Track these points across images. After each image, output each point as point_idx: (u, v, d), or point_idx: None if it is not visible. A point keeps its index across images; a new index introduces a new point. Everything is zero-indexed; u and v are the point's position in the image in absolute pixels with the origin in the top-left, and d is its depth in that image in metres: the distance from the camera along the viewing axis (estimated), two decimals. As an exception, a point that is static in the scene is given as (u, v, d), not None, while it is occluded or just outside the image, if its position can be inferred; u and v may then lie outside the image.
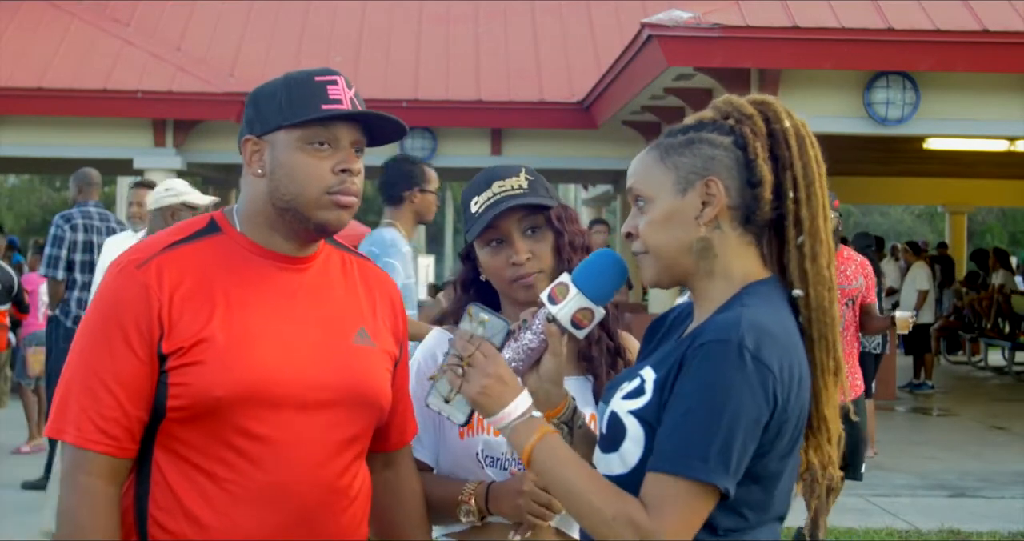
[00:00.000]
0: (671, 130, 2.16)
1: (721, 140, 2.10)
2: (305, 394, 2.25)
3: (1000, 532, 7.69)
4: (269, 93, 2.30)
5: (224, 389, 2.18)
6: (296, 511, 2.24)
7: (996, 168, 16.84)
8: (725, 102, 2.17)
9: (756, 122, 2.12)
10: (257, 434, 2.21)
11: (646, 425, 2.00)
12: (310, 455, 2.25)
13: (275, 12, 16.27)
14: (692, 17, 9.90)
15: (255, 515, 2.21)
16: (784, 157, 2.10)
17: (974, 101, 10.48)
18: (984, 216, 39.79)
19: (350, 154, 2.29)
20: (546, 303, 2.13)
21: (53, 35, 14.66)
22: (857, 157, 15.48)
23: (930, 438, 11.36)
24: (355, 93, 2.31)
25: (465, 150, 14.90)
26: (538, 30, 16.06)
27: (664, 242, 2.09)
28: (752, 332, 1.95)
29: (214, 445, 2.20)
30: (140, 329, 2.19)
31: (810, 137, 2.13)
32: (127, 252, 2.29)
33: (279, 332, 2.25)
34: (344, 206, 2.28)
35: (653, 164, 2.12)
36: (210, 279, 2.25)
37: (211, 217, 2.36)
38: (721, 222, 2.08)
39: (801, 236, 2.10)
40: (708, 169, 2.08)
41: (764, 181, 2.08)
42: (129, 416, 2.19)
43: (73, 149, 14.28)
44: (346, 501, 2.32)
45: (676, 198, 2.08)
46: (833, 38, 9.97)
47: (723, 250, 2.09)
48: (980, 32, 10.00)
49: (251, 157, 2.30)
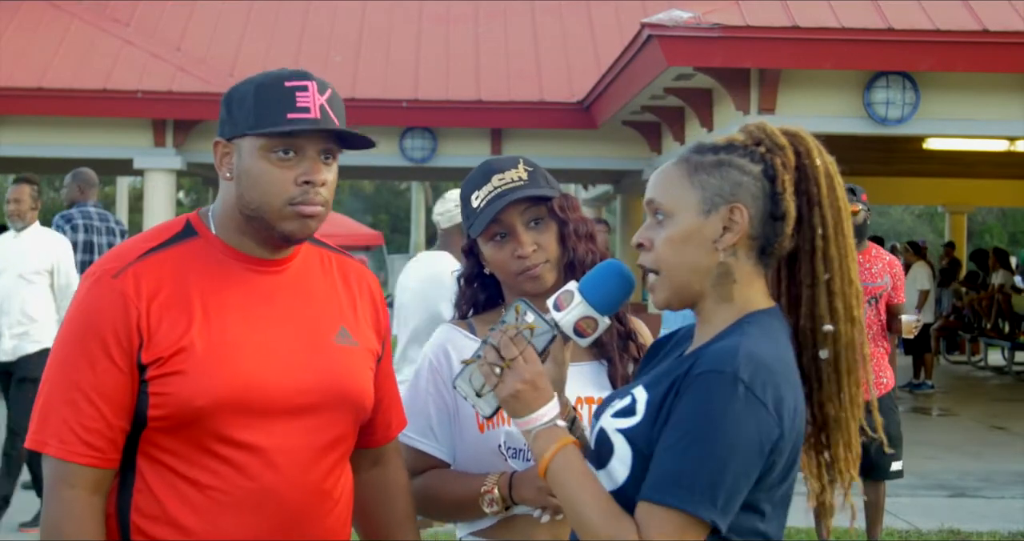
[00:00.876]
0: (700, 147, 2.13)
1: (751, 168, 2.07)
2: (287, 399, 2.23)
3: (1000, 532, 7.69)
4: (241, 95, 2.25)
5: (205, 398, 2.16)
6: (281, 516, 2.22)
7: (996, 168, 16.84)
8: (759, 128, 2.14)
9: (788, 154, 2.09)
10: (240, 441, 2.19)
11: (634, 446, 1.99)
12: (295, 460, 2.23)
13: (275, 12, 16.28)
14: (692, 17, 9.90)
15: (240, 522, 2.19)
16: (813, 194, 2.08)
17: (974, 101, 10.48)
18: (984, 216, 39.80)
19: (315, 164, 2.23)
20: (551, 309, 2.12)
21: (53, 35, 14.67)
22: (857, 157, 15.47)
23: (930, 438, 11.35)
24: (328, 97, 2.25)
25: (465, 150, 14.89)
26: (538, 30, 16.07)
27: (679, 261, 2.07)
28: (748, 364, 1.93)
29: (197, 453, 2.19)
30: (119, 339, 2.17)
31: (838, 177, 2.11)
32: (102, 260, 2.26)
33: (258, 337, 2.23)
34: (308, 216, 2.23)
35: (679, 179, 2.09)
36: (187, 286, 2.22)
37: (187, 219, 2.32)
38: (738, 250, 2.06)
39: (828, 273, 2.08)
40: (735, 195, 2.06)
41: (788, 215, 2.07)
42: (111, 427, 2.17)
43: (73, 149, 14.28)
44: (331, 503, 2.31)
45: (699, 218, 2.06)
46: (833, 38, 9.97)
47: (739, 277, 2.07)
48: (980, 32, 10.00)
49: (221, 160, 2.27)
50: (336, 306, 2.37)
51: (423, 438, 2.66)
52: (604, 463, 2.03)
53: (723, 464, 1.91)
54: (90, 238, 8.41)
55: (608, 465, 2.02)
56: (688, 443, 1.91)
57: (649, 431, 1.98)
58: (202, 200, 35.74)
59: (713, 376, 1.94)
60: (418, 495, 2.64)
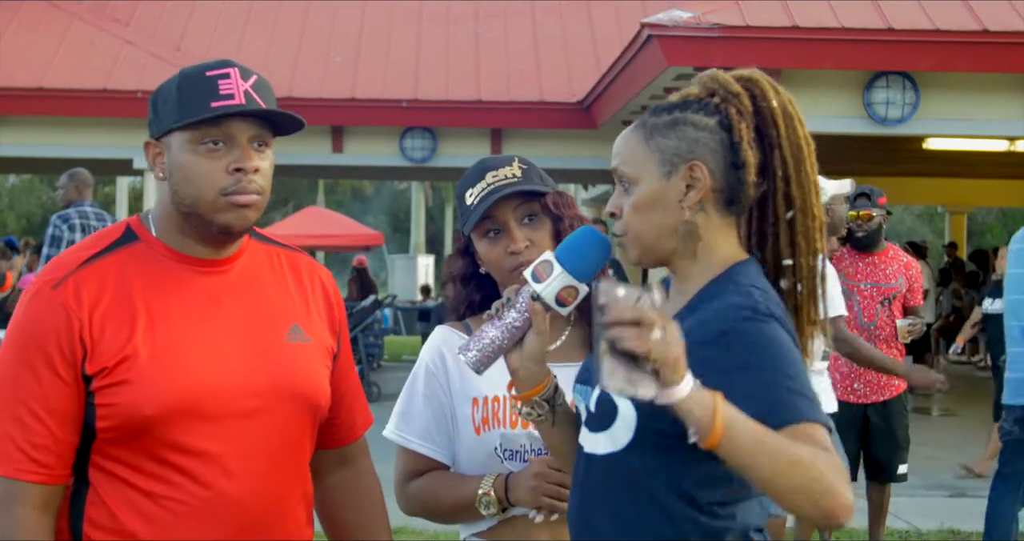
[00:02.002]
0: (656, 108, 2.14)
1: (706, 122, 2.09)
2: (239, 403, 2.18)
3: (1000, 532, 7.69)
4: (165, 93, 2.20)
5: (153, 407, 2.11)
6: (239, 523, 2.18)
7: (996, 168, 16.84)
8: (711, 78, 2.15)
9: (743, 100, 2.11)
10: (193, 449, 2.14)
11: (639, 409, 2.00)
12: (250, 465, 2.19)
13: (275, 12, 16.27)
14: (692, 17, 9.90)
15: (196, 531, 2.15)
16: (771, 136, 2.10)
17: (974, 101, 10.48)
18: (984, 216, 39.80)
19: (246, 151, 2.17)
20: (530, 281, 2.11)
21: (53, 35, 14.67)
22: (857, 157, 15.47)
23: (930, 438, 11.35)
24: (254, 83, 2.18)
25: (465, 150, 14.88)
26: (538, 30, 16.06)
27: (648, 225, 2.09)
28: (763, 302, 1.99)
29: (149, 462, 2.14)
30: (63, 352, 2.11)
31: (798, 115, 2.12)
32: (43, 271, 2.20)
33: (205, 341, 2.18)
34: (243, 205, 2.17)
35: (637, 145, 2.11)
36: (130, 292, 2.16)
37: (127, 224, 2.27)
38: (705, 205, 2.08)
39: (791, 211, 2.10)
40: (693, 152, 2.07)
41: (748, 164, 2.08)
42: (60, 442, 2.13)
43: (73, 149, 14.27)
44: (290, 506, 2.27)
45: (660, 181, 2.08)
46: (833, 38, 9.97)
47: (707, 232, 2.09)
48: (980, 32, 10.00)
49: (153, 160, 2.22)
50: (287, 303, 2.32)
51: (422, 441, 2.65)
52: (607, 425, 2.03)
53: (802, 374, 1.96)
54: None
55: (611, 427, 2.02)
56: (772, 373, 1.92)
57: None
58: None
59: (744, 327, 1.96)
60: (417, 498, 2.64)
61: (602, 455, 2.04)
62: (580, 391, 2.17)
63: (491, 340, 2.12)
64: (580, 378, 2.20)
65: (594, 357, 1.80)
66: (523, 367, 2.14)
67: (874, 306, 6.91)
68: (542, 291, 2.11)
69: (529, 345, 2.13)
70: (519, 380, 2.15)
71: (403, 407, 2.67)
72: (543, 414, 2.18)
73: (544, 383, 2.17)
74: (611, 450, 2.03)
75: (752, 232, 2.15)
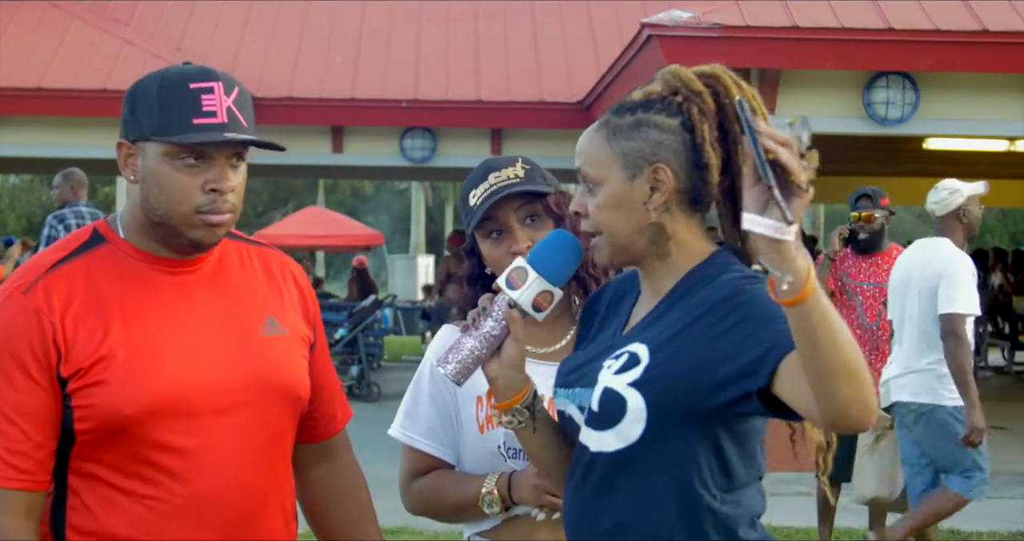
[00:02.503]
0: (619, 107, 2.14)
1: (669, 123, 2.09)
2: (218, 398, 2.17)
3: (1000, 532, 7.68)
4: (144, 94, 2.19)
5: (132, 406, 2.10)
6: (224, 520, 2.18)
7: (996, 168, 16.82)
8: (673, 75, 2.14)
9: (705, 99, 2.10)
10: (174, 446, 2.14)
11: (648, 396, 2.00)
12: (233, 461, 2.18)
13: (275, 12, 16.26)
14: (692, 17, 9.90)
15: (182, 529, 2.15)
16: (735, 132, 2.09)
17: (974, 101, 10.47)
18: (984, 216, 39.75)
19: (223, 171, 2.16)
20: (505, 289, 2.11)
21: (53, 35, 14.66)
22: (857, 157, 15.47)
23: (930, 438, 11.33)
24: (235, 98, 2.17)
25: (465, 150, 14.87)
26: (538, 30, 16.06)
27: (614, 225, 2.10)
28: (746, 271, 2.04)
29: (131, 463, 2.13)
30: (36, 356, 2.11)
31: (762, 109, 2.11)
32: (12, 277, 2.20)
33: (181, 338, 2.17)
34: (215, 225, 2.16)
35: (600, 146, 2.11)
36: (101, 294, 2.16)
37: (94, 227, 2.26)
38: (670, 205, 2.09)
39: None
40: (656, 155, 2.07)
41: (711, 165, 2.08)
42: (38, 447, 2.11)
43: (73, 149, 14.26)
44: (275, 501, 2.27)
45: (624, 184, 2.08)
46: (833, 38, 9.96)
47: (675, 231, 2.10)
48: (980, 32, 10.00)
49: (125, 161, 2.21)
50: (260, 296, 2.31)
51: (427, 440, 2.65)
52: (614, 422, 2.03)
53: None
54: None
55: (619, 424, 2.02)
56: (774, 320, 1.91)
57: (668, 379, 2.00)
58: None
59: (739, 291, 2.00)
60: (422, 497, 2.64)
61: (611, 452, 2.04)
62: (567, 394, 2.15)
63: (469, 350, 2.11)
64: (564, 382, 2.18)
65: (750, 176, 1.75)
66: (502, 375, 2.14)
67: (876, 306, 6.92)
68: (518, 298, 2.11)
69: (508, 353, 2.13)
70: (499, 389, 2.15)
71: (408, 406, 2.68)
72: (524, 421, 2.17)
73: (524, 390, 2.17)
74: (622, 446, 2.03)
75: (728, 227, 2.15)
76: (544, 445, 2.21)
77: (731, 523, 2.05)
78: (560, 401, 2.18)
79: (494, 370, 2.14)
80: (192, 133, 2.12)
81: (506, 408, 2.16)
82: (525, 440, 2.23)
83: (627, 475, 2.05)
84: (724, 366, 1.96)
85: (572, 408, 2.15)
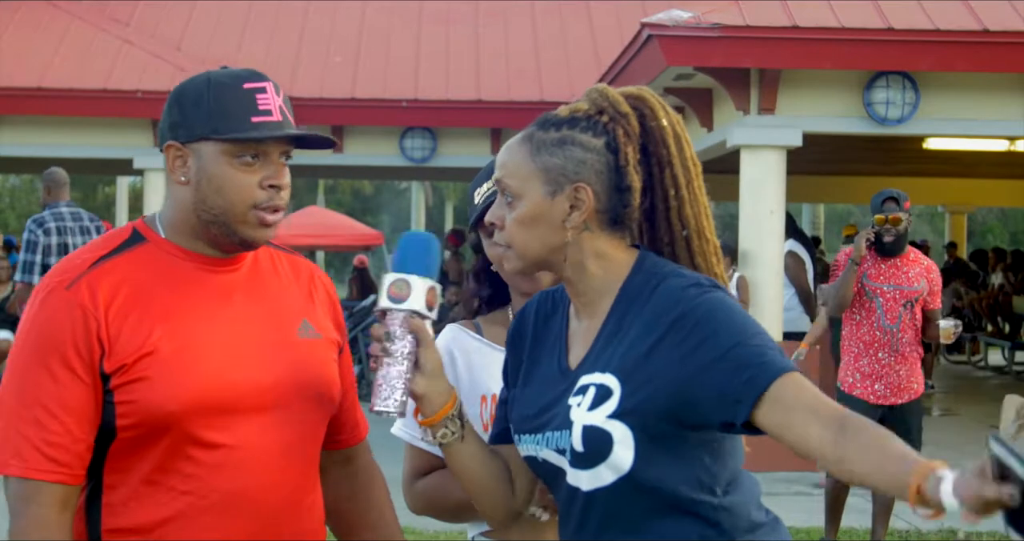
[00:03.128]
0: (544, 121, 2.12)
1: (593, 143, 2.07)
2: (256, 397, 2.19)
3: (1000, 532, 7.68)
4: (194, 97, 2.20)
5: (176, 402, 2.12)
6: (259, 517, 2.19)
7: (996, 168, 16.82)
8: (601, 95, 2.12)
9: (631, 121, 2.09)
10: (213, 442, 2.15)
11: (631, 424, 1.99)
12: (269, 459, 2.20)
13: (275, 12, 16.27)
14: (692, 17, 9.90)
15: (218, 525, 2.16)
16: (662, 155, 2.09)
17: (974, 101, 10.47)
18: (984, 216, 39.79)
19: (279, 168, 2.21)
20: (394, 305, 2.11)
21: (53, 35, 14.66)
22: (857, 157, 15.47)
23: (930, 438, 11.31)
24: (284, 98, 2.23)
25: (465, 150, 14.88)
26: (538, 30, 16.06)
27: (529, 241, 2.09)
28: (694, 280, 2.03)
29: (169, 458, 2.15)
30: (80, 351, 2.12)
31: (686, 136, 2.12)
32: (52, 273, 2.21)
33: (223, 336, 2.20)
34: (269, 224, 2.21)
35: (523, 160, 2.10)
36: (144, 290, 2.18)
37: (133, 227, 2.28)
38: (589, 224, 2.08)
39: (686, 230, 2.11)
40: (578, 173, 2.06)
41: (633, 188, 2.07)
42: (77, 441, 2.13)
43: (73, 149, 14.27)
44: (308, 502, 2.29)
45: (545, 199, 2.07)
46: (833, 38, 9.96)
47: (595, 248, 2.09)
48: (980, 32, 10.00)
49: (174, 163, 2.22)
50: (294, 300, 2.34)
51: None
52: (604, 457, 2.01)
53: (762, 330, 2.01)
54: (64, 240, 8.20)
55: (609, 457, 2.00)
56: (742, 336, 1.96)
57: (645, 386, 1.99)
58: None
59: (697, 303, 1.99)
60: (425, 496, 2.64)
61: (608, 485, 2.02)
62: (538, 440, 2.11)
63: (399, 375, 2.11)
64: (528, 428, 2.13)
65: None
66: (430, 387, 2.12)
67: (896, 308, 6.94)
68: (414, 305, 2.11)
69: (427, 362, 2.12)
70: (430, 402, 2.13)
71: (411, 405, 2.67)
72: (455, 431, 2.15)
73: (452, 397, 2.15)
74: (616, 477, 2.01)
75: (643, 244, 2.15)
76: (472, 454, 2.18)
77: (742, 510, 2.05)
78: (528, 447, 2.13)
79: (421, 385, 2.12)
80: (252, 131, 2.16)
81: (439, 419, 2.14)
82: (453, 455, 2.18)
83: (630, 503, 2.03)
84: (701, 389, 1.95)
85: (547, 452, 2.10)
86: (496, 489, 2.22)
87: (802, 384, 1.93)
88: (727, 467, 2.06)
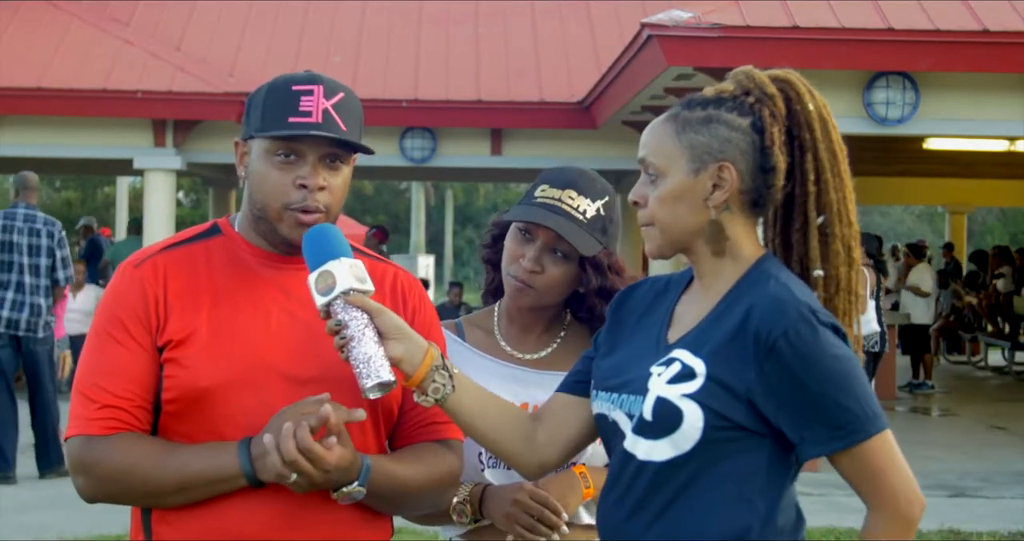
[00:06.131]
0: (690, 101, 2.14)
1: (739, 122, 2.08)
2: (288, 381, 2.23)
3: (1000, 532, 7.68)
4: (256, 97, 2.32)
5: (209, 379, 2.21)
6: (291, 497, 2.20)
7: (996, 168, 16.84)
8: (747, 76, 2.15)
9: (777, 103, 2.10)
10: (246, 423, 2.21)
11: (706, 409, 2.00)
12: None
13: (275, 12, 16.27)
14: (692, 17, 9.90)
15: (252, 505, 2.20)
16: (806, 139, 2.10)
17: (974, 101, 10.48)
18: (984, 216, 39.81)
19: (314, 168, 2.27)
20: (329, 296, 2.13)
21: (53, 35, 14.66)
22: (857, 157, 15.33)
23: (930, 438, 11.35)
24: (337, 101, 2.31)
25: (465, 150, 14.89)
26: (538, 30, 16.06)
27: (673, 219, 2.09)
28: (808, 303, 2.02)
29: (205, 435, 2.22)
30: (141, 320, 2.26)
31: (832, 120, 2.13)
32: (130, 257, 2.37)
33: (265, 326, 2.26)
34: (305, 224, 2.25)
35: (668, 138, 2.10)
36: (202, 277, 2.30)
37: (215, 222, 2.41)
38: (731, 204, 2.09)
39: (822, 216, 2.10)
40: (723, 152, 2.07)
41: (778, 169, 2.08)
42: (140, 407, 2.24)
43: (73, 149, 14.28)
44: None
45: (688, 177, 2.08)
46: (833, 38, 9.96)
47: (733, 231, 2.09)
48: (980, 32, 10.00)
49: (240, 159, 2.35)
50: None
51: None
52: (669, 431, 2.02)
53: (867, 385, 2.03)
54: (9, 238, 8.83)
55: (674, 434, 2.01)
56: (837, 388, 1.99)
57: (726, 395, 2.00)
58: (201, 200, 35.69)
59: (802, 330, 1.98)
60: None
61: (663, 461, 2.03)
62: (612, 400, 2.13)
63: (373, 353, 2.12)
64: (606, 385, 2.16)
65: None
66: (402, 347, 2.13)
67: None
68: (343, 285, 2.13)
69: (387, 327, 2.13)
70: (408, 361, 2.13)
71: None
72: (446, 381, 2.16)
73: (428, 349, 2.16)
74: (673, 455, 2.02)
75: (775, 236, 2.15)
76: (474, 401, 2.19)
77: (792, 501, 2.11)
78: (603, 405, 2.15)
79: (394, 348, 2.13)
80: (284, 129, 2.24)
81: (425, 373, 2.14)
82: (452, 407, 2.19)
83: (677, 484, 2.03)
84: (786, 416, 2.00)
85: (618, 414, 2.11)
86: (514, 432, 2.22)
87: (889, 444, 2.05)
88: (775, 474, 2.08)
